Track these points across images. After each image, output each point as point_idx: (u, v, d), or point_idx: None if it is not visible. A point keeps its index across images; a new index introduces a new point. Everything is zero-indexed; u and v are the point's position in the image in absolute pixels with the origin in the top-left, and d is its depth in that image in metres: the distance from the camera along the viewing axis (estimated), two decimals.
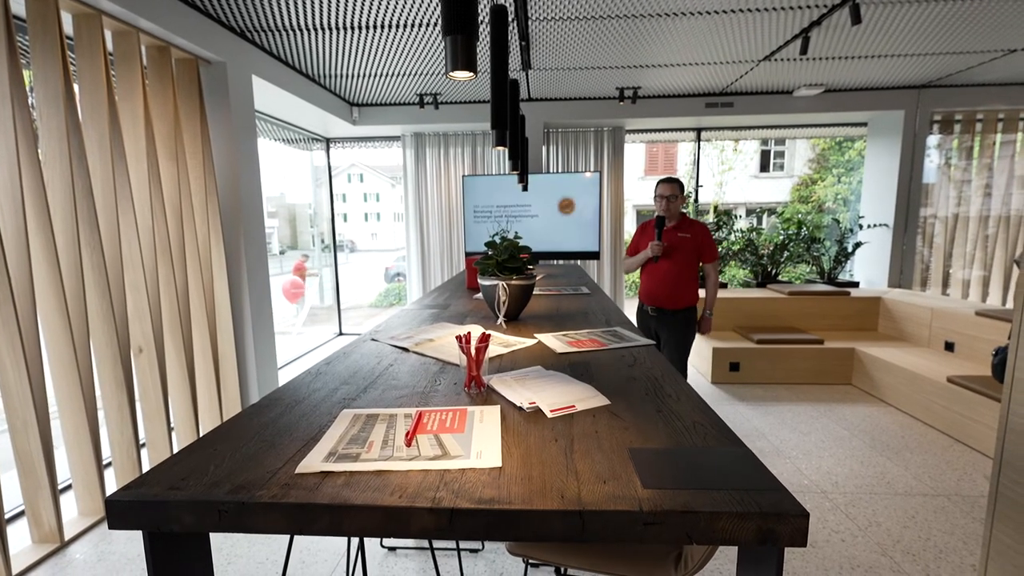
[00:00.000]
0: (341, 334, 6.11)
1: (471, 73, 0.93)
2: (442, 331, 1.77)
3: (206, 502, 0.71)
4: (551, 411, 1.01)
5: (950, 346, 3.56)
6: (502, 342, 1.62)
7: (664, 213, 2.77)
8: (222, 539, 2.07)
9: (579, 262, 5.15)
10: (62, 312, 2.02)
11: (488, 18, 2.78)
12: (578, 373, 1.28)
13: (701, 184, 5.50)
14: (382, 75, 3.95)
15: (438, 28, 3.00)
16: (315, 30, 2.99)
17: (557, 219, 4.89)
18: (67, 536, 2.08)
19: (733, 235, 5.34)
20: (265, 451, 0.86)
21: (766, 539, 0.66)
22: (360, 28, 2.97)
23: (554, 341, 1.61)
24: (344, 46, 3.28)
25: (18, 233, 1.87)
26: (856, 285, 5.03)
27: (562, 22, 2.93)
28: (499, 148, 1.68)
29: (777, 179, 14.29)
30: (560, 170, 5.21)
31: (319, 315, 7.65)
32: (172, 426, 2.64)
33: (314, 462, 0.81)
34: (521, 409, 1.03)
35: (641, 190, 14.03)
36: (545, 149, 5.14)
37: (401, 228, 5.64)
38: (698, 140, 5.40)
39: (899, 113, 4.66)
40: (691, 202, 5.47)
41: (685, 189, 2.89)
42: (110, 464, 2.39)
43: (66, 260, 2.08)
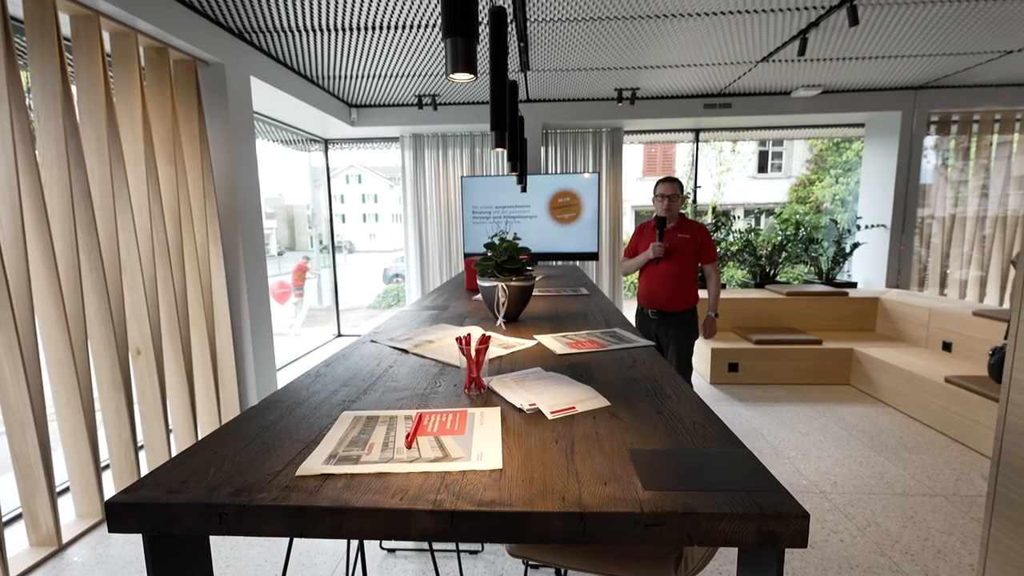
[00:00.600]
0: (340, 335, 6.09)
1: (471, 75, 0.94)
2: (441, 332, 1.77)
3: (206, 505, 0.71)
4: (551, 413, 1.01)
5: (948, 346, 3.57)
6: (502, 343, 1.62)
7: (664, 213, 2.73)
8: (221, 541, 2.07)
9: (578, 263, 5.15)
10: (60, 314, 2.01)
11: (487, 19, 2.78)
12: (578, 374, 1.28)
13: (699, 185, 5.51)
14: (381, 76, 3.95)
15: (437, 29, 3.00)
16: (314, 31, 2.99)
17: (555, 220, 4.90)
18: (65, 539, 2.07)
19: (731, 236, 5.36)
20: (265, 454, 0.86)
21: (767, 540, 0.66)
22: (359, 29, 2.97)
23: (554, 342, 1.61)
24: (343, 47, 3.28)
25: (16, 236, 1.87)
26: (854, 286, 5.05)
27: (560, 23, 2.93)
28: (498, 149, 1.68)
29: (775, 180, 14.33)
30: (559, 171, 5.21)
31: (318, 316, 7.64)
32: (170, 428, 2.64)
33: (314, 464, 0.81)
34: (521, 411, 1.03)
35: (639, 191, 14.05)
36: (544, 150, 5.15)
37: (400, 229, 5.64)
38: (696, 141, 5.41)
39: (896, 114, 4.68)
40: (689, 203, 5.48)
41: (685, 189, 2.87)
42: (108, 466, 2.39)
43: (64, 262, 2.07)
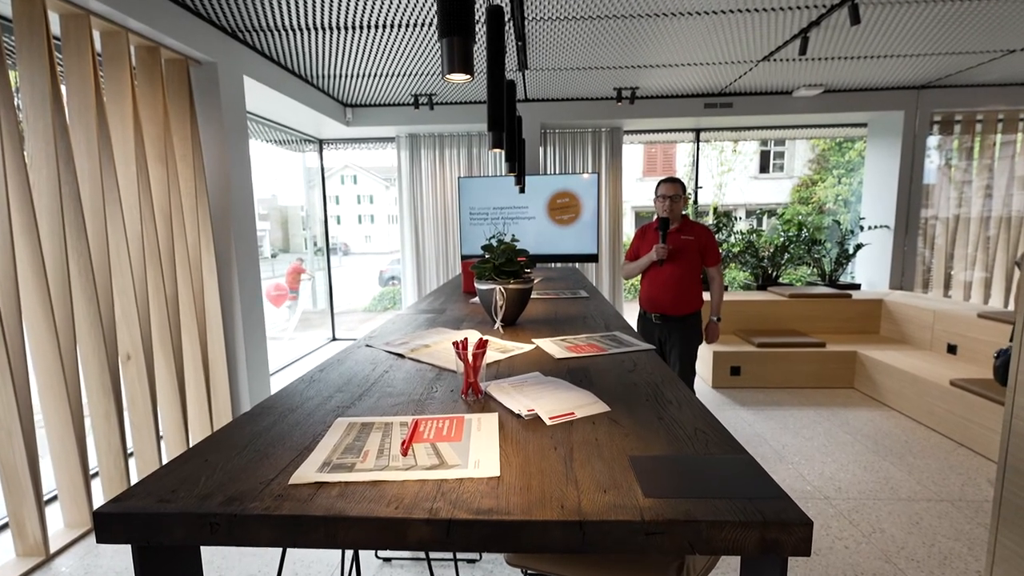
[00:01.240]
0: (334, 339, 6.08)
1: (468, 76, 0.94)
2: (438, 336, 1.77)
3: (197, 515, 0.70)
4: (550, 418, 1.01)
5: (952, 349, 3.58)
6: (499, 347, 1.62)
7: (667, 214, 2.69)
8: (212, 551, 2.06)
9: (577, 265, 5.15)
10: (48, 318, 2.00)
11: (484, 18, 2.79)
12: (577, 379, 1.28)
13: (700, 185, 5.52)
14: (376, 75, 3.95)
15: (433, 28, 3.01)
16: (308, 30, 2.99)
17: (554, 221, 4.90)
18: (52, 549, 2.06)
19: (733, 237, 5.37)
20: (258, 461, 0.85)
21: (769, 548, 0.66)
22: (354, 28, 2.97)
23: (552, 346, 1.61)
24: (337, 46, 3.28)
25: (3, 238, 1.86)
26: (857, 287, 5.06)
27: (559, 22, 2.94)
28: (496, 150, 1.69)
29: (777, 180, 14.38)
30: (558, 171, 5.22)
31: (312, 320, 7.62)
32: (161, 435, 2.62)
33: (308, 472, 0.81)
34: (519, 417, 1.03)
35: (640, 191, 14.08)
36: (542, 150, 5.16)
37: (396, 230, 5.64)
38: (697, 141, 5.43)
39: (899, 114, 4.70)
40: (690, 204, 5.50)
41: (687, 190, 2.84)
42: (97, 474, 2.37)
43: (52, 265, 2.06)
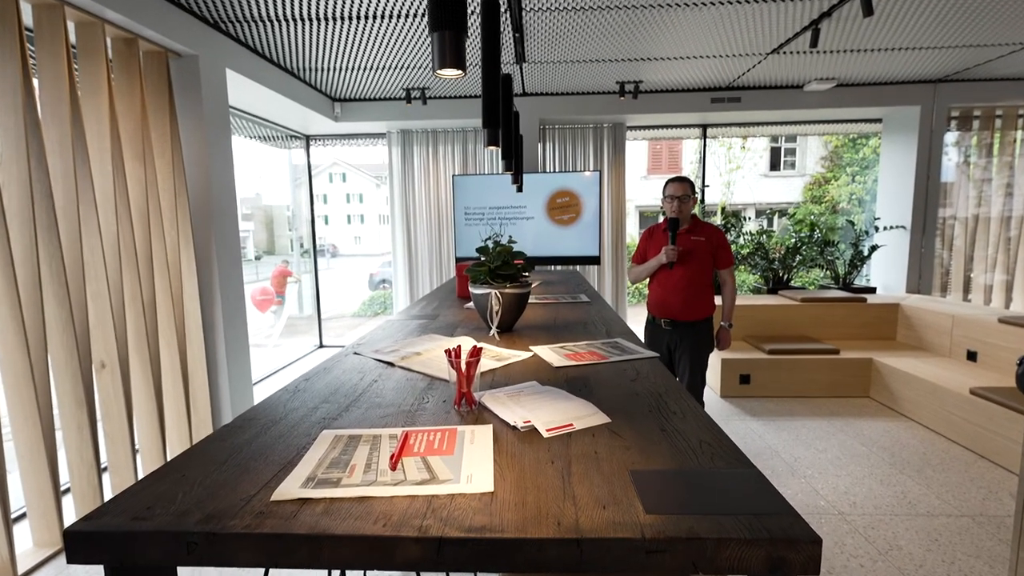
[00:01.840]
0: (322, 346, 6.08)
1: (460, 71, 0.95)
2: (430, 344, 1.77)
3: (174, 533, 0.70)
4: (547, 430, 1.02)
5: (972, 355, 3.59)
6: (495, 355, 1.62)
7: (676, 215, 2.69)
8: (189, 571, 2.05)
9: (578, 268, 5.17)
10: (18, 324, 2.00)
11: (479, 8, 2.80)
12: (576, 388, 1.29)
13: (707, 184, 5.55)
14: (366, 69, 3.97)
15: (425, 18, 3.02)
16: (294, 21, 3.01)
17: (554, 222, 4.91)
18: (20, 570, 2.04)
19: (742, 238, 5.39)
20: (238, 476, 0.85)
21: (776, 567, 0.66)
22: (342, 19, 2.99)
23: (551, 354, 1.62)
24: (325, 38, 3.30)
25: None
26: (873, 291, 5.09)
27: (559, 13, 2.96)
28: (491, 148, 1.70)
29: (788, 178, 14.44)
30: (557, 169, 5.24)
31: (298, 326, 7.60)
32: (137, 448, 2.61)
33: (291, 488, 0.81)
34: (515, 428, 1.04)
35: (644, 190, 14.12)
36: (541, 147, 5.18)
37: (387, 231, 5.65)
38: (704, 137, 5.45)
39: (915, 108, 4.74)
40: (697, 203, 5.51)
41: (695, 189, 2.86)
42: (68, 490, 2.36)
43: (23, 268, 2.06)
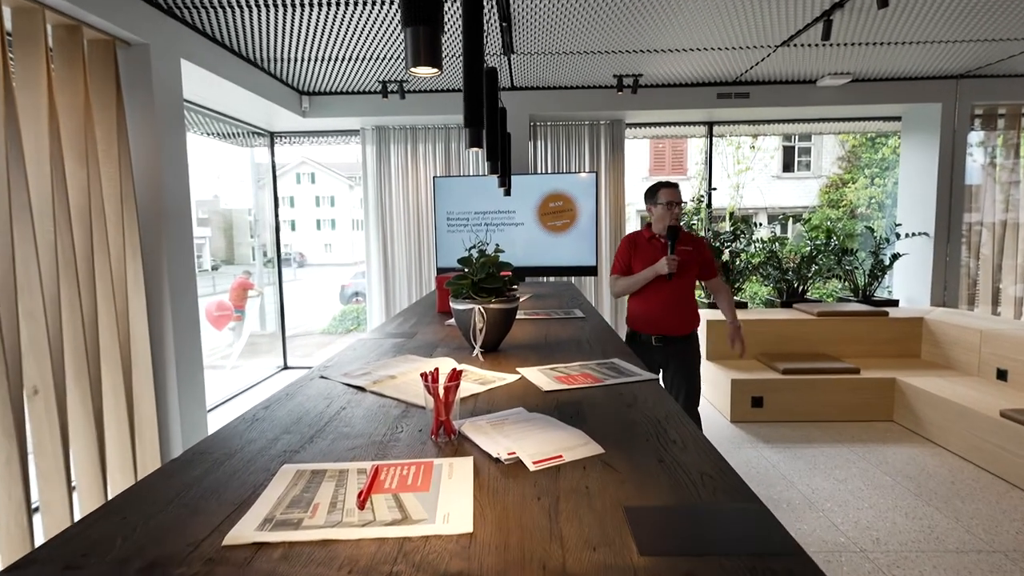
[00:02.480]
0: (286, 368, 6.03)
1: (436, 69, 0.96)
2: (406, 366, 1.77)
3: None
4: (534, 463, 1.02)
5: (1003, 374, 3.66)
6: (478, 378, 1.63)
7: (675, 222, 2.80)
8: None
9: (573, 279, 5.19)
10: None
11: None
12: (567, 415, 1.29)
13: (715, 187, 5.62)
14: (337, 59, 3.99)
15: None
16: (257, 7, 3.02)
17: (546, 228, 4.94)
18: None
19: (753, 246, 5.45)
20: (187, 518, 0.85)
21: None
22: (311, 4, 3.01)
23: (540, 376, 1.63)
24: (292, 24, 3.32)
25: None
26: (895, 304, 5.17)
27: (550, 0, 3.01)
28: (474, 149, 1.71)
29: (802, 180, 14.68)
30: (550, 170, 5.29)
31: (260, 344, 7.53)
32: (74, 485, 2.57)
33: (246, 531, 0.80)
34: (498, 461, 1.04)
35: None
36: (532, 146, 5.23)
37: (360, 238, 5.65)
38: (710, 135, 5.55)
39: (935, 106, 4.86)
40: (703, 207, 5.59)
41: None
42: None
43: None
